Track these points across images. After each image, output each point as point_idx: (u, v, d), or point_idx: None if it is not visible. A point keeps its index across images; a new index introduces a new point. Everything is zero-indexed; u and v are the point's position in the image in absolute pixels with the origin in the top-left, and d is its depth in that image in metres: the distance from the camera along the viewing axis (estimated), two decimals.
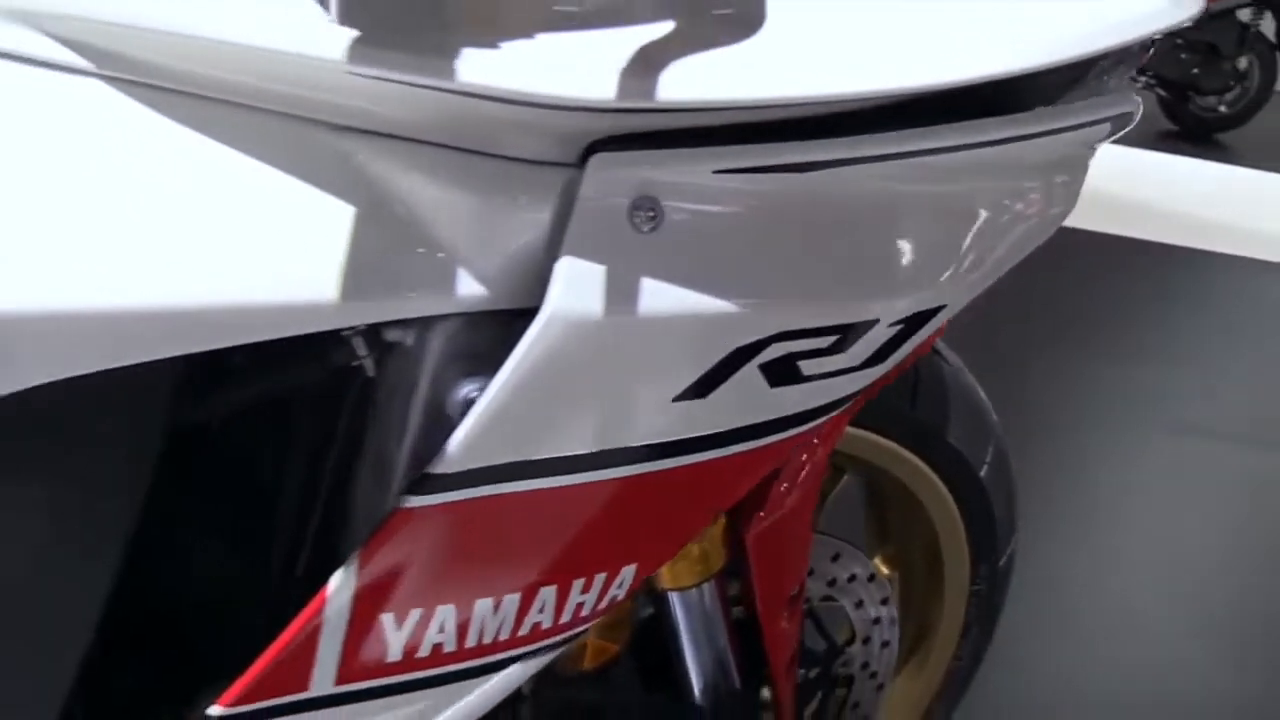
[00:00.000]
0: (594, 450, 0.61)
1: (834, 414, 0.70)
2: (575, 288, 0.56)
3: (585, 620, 0.69)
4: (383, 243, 0.55)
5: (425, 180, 0.56)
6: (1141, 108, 0.70)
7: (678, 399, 0.62)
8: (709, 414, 0.64)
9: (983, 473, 1.10)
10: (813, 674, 1.10)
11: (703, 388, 0.62)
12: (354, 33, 0.52)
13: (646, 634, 0.96)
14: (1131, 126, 0.71)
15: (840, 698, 1.14)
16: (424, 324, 0.58)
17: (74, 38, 0.53)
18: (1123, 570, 1.93)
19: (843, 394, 0.69)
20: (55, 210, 0.52)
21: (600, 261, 0.57)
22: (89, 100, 0.53)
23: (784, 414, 0.67)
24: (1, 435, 0.52)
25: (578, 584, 0.66)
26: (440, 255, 0.57)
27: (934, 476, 1.08)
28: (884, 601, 1.12)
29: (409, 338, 0.59)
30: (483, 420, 0.57)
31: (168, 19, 0.52)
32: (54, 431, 0.55)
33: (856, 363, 0.68)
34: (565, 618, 0.68)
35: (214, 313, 0.53)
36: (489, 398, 0.57)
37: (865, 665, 1.13)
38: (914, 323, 0.69)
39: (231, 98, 0.54)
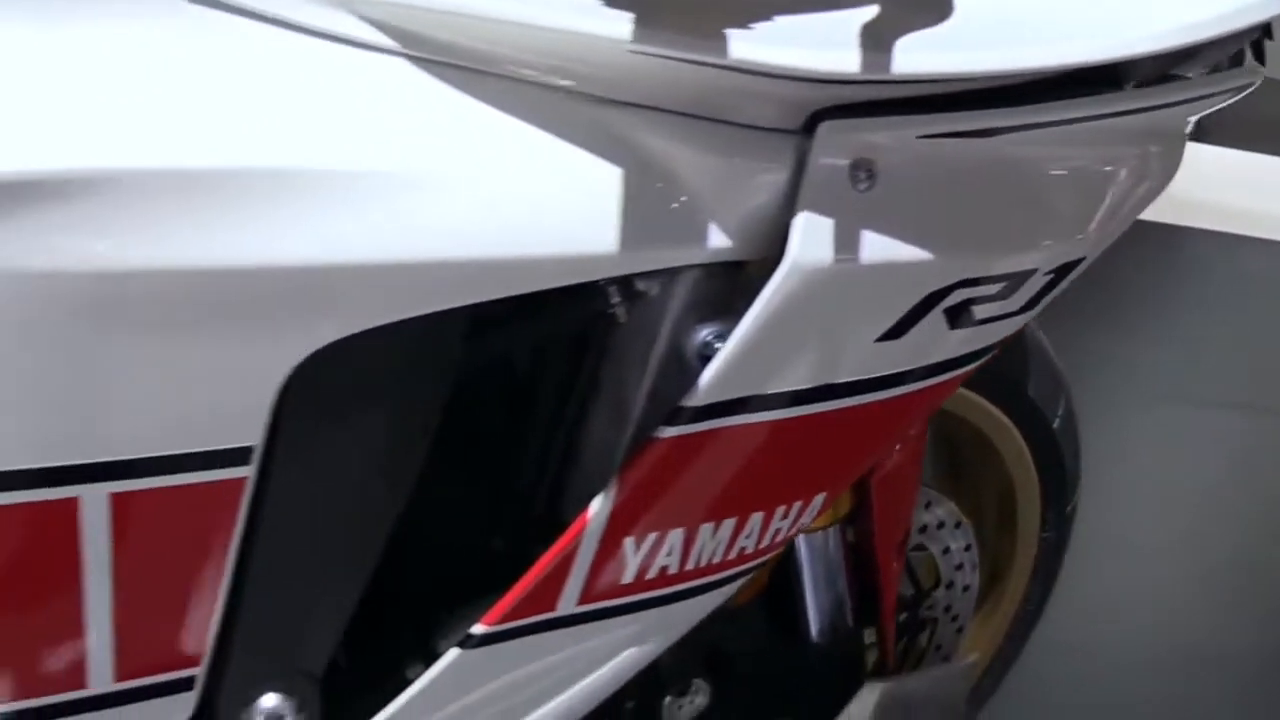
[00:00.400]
0: (809, 386, 0.69)
1: (989, 356, 0.79)
2: (811, 240, 0.64)
3: (778, 545, 0.77)
4: (642, 202, 0.62)
5: (676, 146, 0.63)
6: (1262, 76, 0.79)
7: (879, 340, 0.70)
8: (900, 353, 0.71)
9: (1055, 425, 1.19)
10: (902, 617, 1.19)
11: (899, 329, 0.70)
12: (629, 14, 0.59)
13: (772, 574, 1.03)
14: (1246, 94, 0.80)
15: (924, 640, 1.23)
16: (670, 274, 0.65)
17: (382, 19, 0.59)
18: (1123, 522, 2.03)
19: (1001, 336, 0.78)
20: (363, 174, 0.58)
21: (829, 216, 0.64)
22: (393, 77, 0.60)
23: (957, 354, 0.75)
24: (314, 381, 0.58)
25: (780, 510, 0.74)
26: (690, 212, 0.64)
27: (1013, 428, 1.17)
28: (967, 548, 1.20)
29: (655, 287, 0.66)
30: (731, 357, 0.64)
31: (464, 3, 0.59)
32: (357, 378, 0.61)
33: (1015, 308, 0.76)
34: (765, 542, 0.75)
35: (507, 263, 0.60)
36: (738, 337, 0.64)
37: (948, 609, 1.22)
38: (1062, 272, 0.77)
39: (516, 74, 0.61)
